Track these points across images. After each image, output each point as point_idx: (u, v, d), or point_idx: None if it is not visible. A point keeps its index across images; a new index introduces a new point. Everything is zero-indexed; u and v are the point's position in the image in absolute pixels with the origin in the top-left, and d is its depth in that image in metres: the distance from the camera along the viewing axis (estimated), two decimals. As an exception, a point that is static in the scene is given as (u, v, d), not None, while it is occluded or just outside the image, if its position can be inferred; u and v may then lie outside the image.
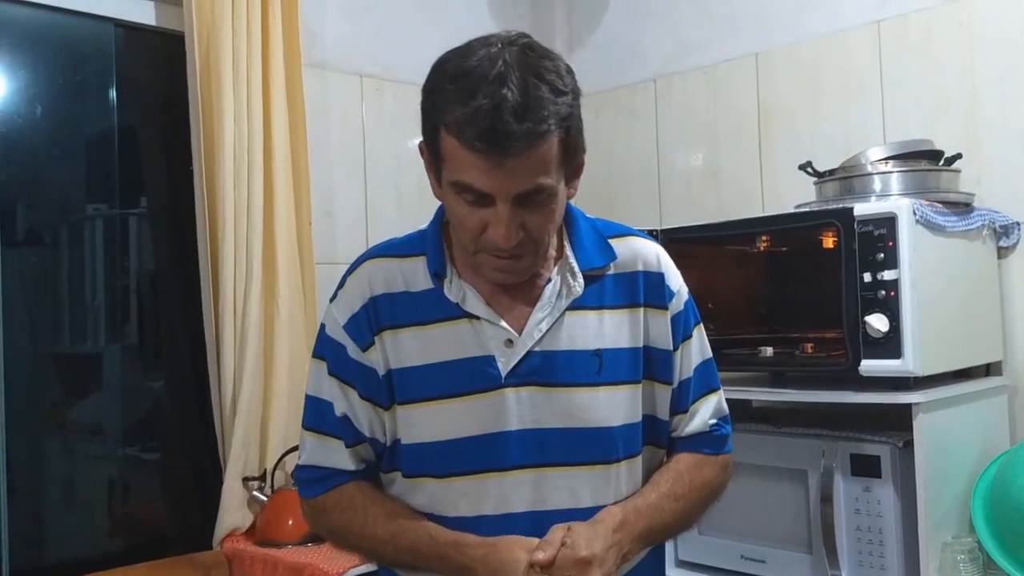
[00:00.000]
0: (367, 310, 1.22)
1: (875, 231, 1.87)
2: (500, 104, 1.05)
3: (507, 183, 1.09)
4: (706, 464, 1.30)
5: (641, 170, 2.95)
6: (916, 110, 2.33)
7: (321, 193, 2.58)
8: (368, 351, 1.21)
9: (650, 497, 1.23)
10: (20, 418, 2.26)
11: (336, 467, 1.24)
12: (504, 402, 1.18)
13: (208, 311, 2.34)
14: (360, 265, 1.27)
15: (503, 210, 1.10)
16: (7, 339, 2.21)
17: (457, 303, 1.20)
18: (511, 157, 1.06)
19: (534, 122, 1.06)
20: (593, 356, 1.21)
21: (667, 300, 1.27)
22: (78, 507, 2.44)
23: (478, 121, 1.05)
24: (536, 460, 1.18)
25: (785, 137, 2.60)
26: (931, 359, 1.85)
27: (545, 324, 1.20)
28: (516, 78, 1.06)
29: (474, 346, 1.19)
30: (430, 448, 1.19)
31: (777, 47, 2.63)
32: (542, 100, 1.07)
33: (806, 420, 2.08)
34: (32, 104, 2.33)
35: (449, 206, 1.16)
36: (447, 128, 1.09)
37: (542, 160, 1.09)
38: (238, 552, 2.26)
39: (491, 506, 1.18)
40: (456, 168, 1.11)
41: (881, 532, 1.86)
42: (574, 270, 1.23)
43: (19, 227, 2.35)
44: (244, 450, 2.32)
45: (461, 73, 1.08)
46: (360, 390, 1.22)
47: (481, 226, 1.13)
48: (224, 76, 2.30)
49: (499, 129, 1.05)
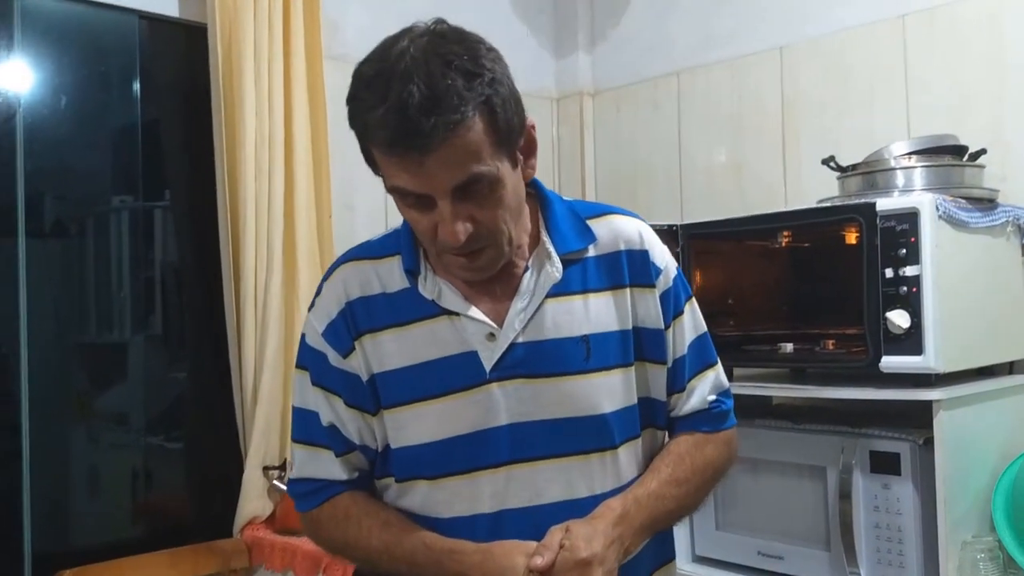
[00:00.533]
0: (344, 316, 1.19)
1: (897, 226, 1.85)
2: (407, 102, 1.00)
3: (436, 180, 1.04)
4: (708, 442, 1.26)
5: (662, 165, 2.93)
6: (941, 104, 2.31)
7: (341, 186, 2.59)
8: (349, 357, 1.18)
9: (651, 485, 1.19)
10: (47, 407, 2.29)
11: (328, 478, 1.22)
12: (491, 398, 1.15)
13: (229, 303, 2.36)
14: (335, 270, 1.24)
15: (445, 208, 1.06)
16: (33, 329, 2.25)
17: (433, 300, 1.17)
18: (429, 154, 1.02)
19: (445, 113, 1.01)
20: (580, 342, 1.17)
21: (653, 278, 1.23)
22: (102, 494, 2.48)
23: (388, 124, 1.01)
24: (528, 454, 1.16)
25: (809, 132, 2.58)
26: (952, 356, 1.83)
27: (525, 314, 1.16)
28: (423, 71, 1.01)
29: (455, 343, 1.16)
30: (420, 450, 1.17)
31: (802, 41, 2.61)
32: (452, 88, 1.01)
33: (826, 417, 2.07)
34: (57, 95, 2.35)
35: (401, 212, 1.13)
36: (367, 137, 1.06)
37: (467, 149, 1.04)
38: (258, 540, 2.28)
39: (487, 504, 1.16)
40: (388, 174, 1.07)
41: (900, 530, 1.84)
42: (551, 255, 1.19)
43: (46, 218, 2.38)
44: (264, 440, 2.34)
45: (373, 76, 1.04)
46: (345, 398, 1.19)
47: (432, 228, 1.09)
48: (246, 68, 2.32)
49: (409, 129, 1.00)
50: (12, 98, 2.25)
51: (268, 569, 2.26)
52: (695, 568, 2.17)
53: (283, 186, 2.39)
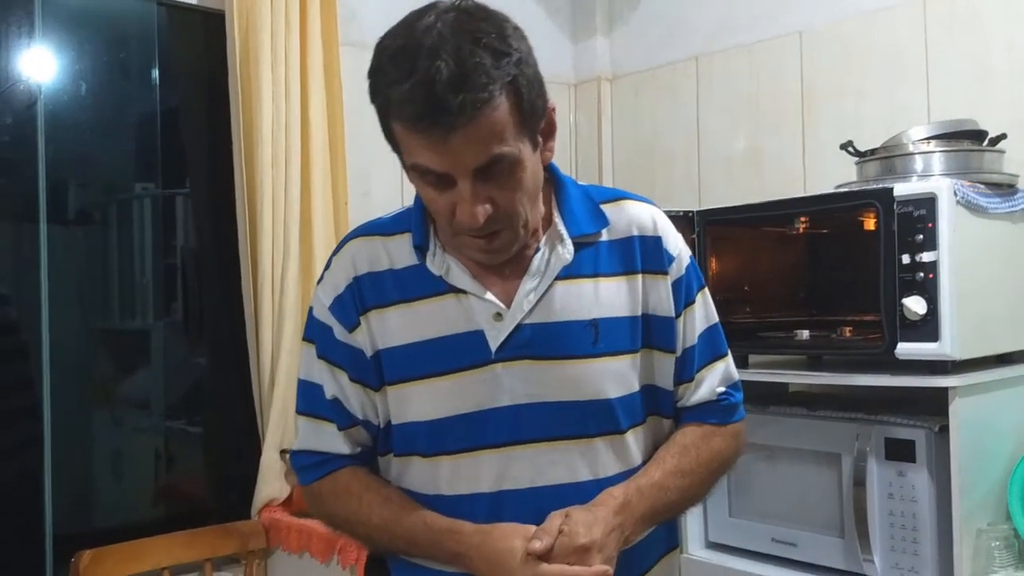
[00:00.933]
0: (352, 290, 1.19)
1: (915, 212, 1.83)
2: (434, 78, 0.99)
3: (459, 159, 1.03)
4: (715, 435, 1.25)
5: (681, 150, 2.92)
6: (961, 88, 2.28)
7: (357, 173, 2.59)
8: (355, 332, 1.18)
9: (654, 475, 1.18)
10: (68, 392, 2.33)
11: (330, 451, 1.22)
12: (495, 378, 1.14)
13: (247, 289, 2.38)
14: (344, 245, 1.24)
15: (465, 187, 1.05)
16: (56, 315, 2.28)
17: (441, 276, 1.16)
18: (454, 132, 1.01)
19: (473, 91, 1.00)
20: (589, 326, 1.16)
21: (666, 265, 1.22)
22: (122, 477, 2.52)
23: (414, 99, 1.00)
24: (531, 435, 1.15)
25: (829, 117, 2.55)
26: (969, 343, 1.81)
27: (534, 295, 1.16)
28: (451, 47, 1.00)
29: (462, 321, 1.16)
30: (421, 427, 1.17)
31: (821, 25, 2.58)
32: (480, 66, 1.00)
33: (841, 404, 2.05)
34: (77, 83, 2.38)
35: (418, 190, 1.12)
36: (390, 111, 1.05)
37: (492, 129, 1.03)
38: (275, 522, 2.31)
39: (487, 484, 1.15)
40: (409, 151, 1.06)
41: (915, 517, 1.83)
42: (562, 237, 1.18)
43: (68, 206, 2.40)
44: (282, 423, 2.37)
45: (398, 50, 1.03)
46: (350, 372, 1.20)
47: (450, 208, 1.08)
48: (263, 55, 2.33)
49: (435, 105, 0.99)
50: (34, 86, 2.28)
51: (285, 551, 2.29)
52: (708, 554, 2.17)
53: (300, 173, 2.40)
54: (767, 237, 2.36)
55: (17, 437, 2.30)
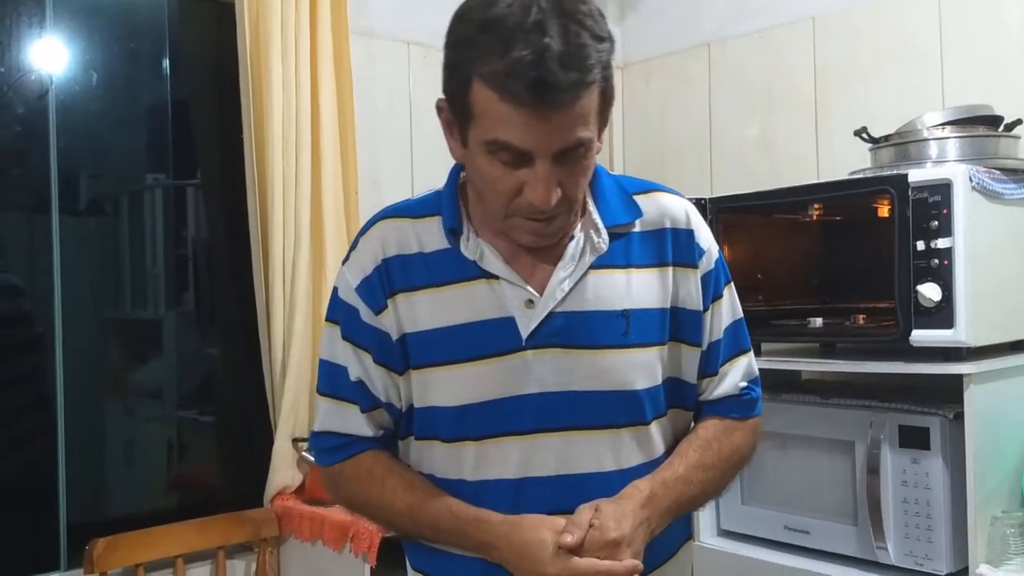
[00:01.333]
0: (380, 272, 1.17)
1: (930, 198, 1.81)
2: (544, 53, 0.98)
3: (550, 139, 1.03)
4: (735, 429, 1.25)
5: (693, 138, 2.90)
6: (976, 75, 2.26)
7: (368, 162, 2.59)
8: (381, 315, 1.17)
9: (678, 469, 1.18)
10: (81, 382, 2.34)
11: (353, 433, 1.20)
12: (525, 365, 1.13)
13: (259, 278, 2.38)
14: (372, 226, 1.21)
15: (543, 168, 1.04)
16: (68, 306, 2.28)
17: (474, 261, 1.15)
18: (557, 110, 1.00)
19: (580, 71, 1.00)
20: (620, 317, 1.15)
21: (697, 258, 1.21)
22: (135, 467, 2.53)
23: (523, 73, 0.98)
24: (559, 424, 1.14)
25: (842, 103, 2.54)
26: (984, 330, 1.80)
27: (568, 283, 1.14)
28: (557, 25, 0.99)
29: (493, 307, 1.14)
30: (445, 412, 1.15)
31: (835, 10, 2.56)
32: (585, 47, 1.00)
33: (855, 392, 2.05)
34: (88, 73, 2.38)
35: (478, 168, 1.09)
36: (485, 82, 1.01)
37: (584, 112, 1.03)
38: (287, 510, 2.32)
39: (512, 470, 1.14)
40: (492, 125, 1.03)
41: (929, 505, 1.82)
42: (598, 226, 1.17)
43: (81, 196, 2.41)
44: (294, 412, 2.37)
45: (491, 21, 1.01)
46: (374, 354, 1.18)
47: (516, 188, 1.06)
48: (273, 44, 2.32)
49: (547, 80, 0.98)
50: (45, 76, 2.28)
51: (297, 538, 2.29)
52: (720, 542, 2.17)
53: (310, 162, 2.40)
54: (780, 224, 2.34)
55: (31, 427, 2.31)
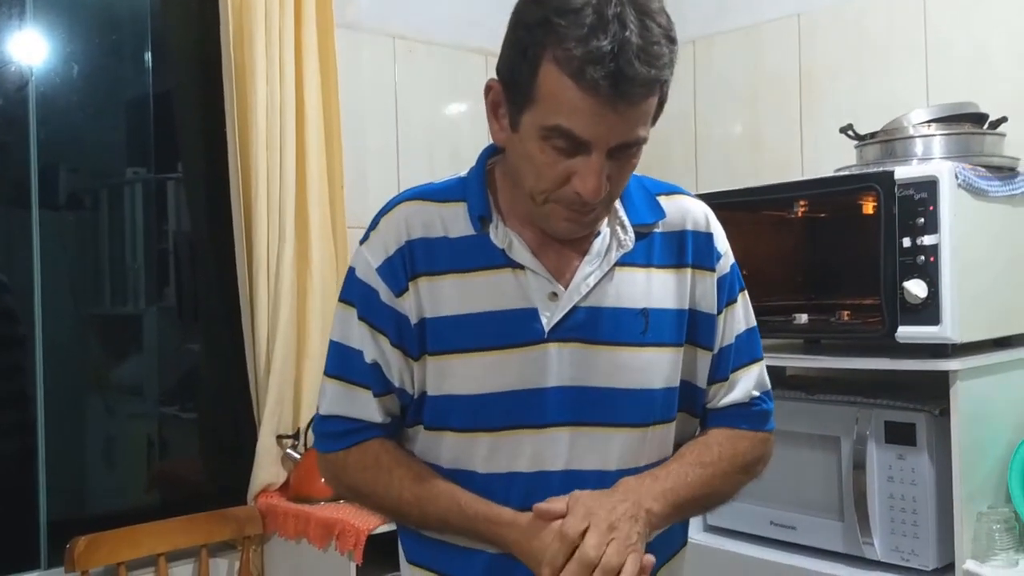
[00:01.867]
0: (403, 254, 1.15)
1: (916, 195, 1.82)
2: (624, 46, 0.98)
3: (612, 132, 1.03)
4: (742, 437, 1.23)
5: (679, 133, 2.90)
6: (962, 72, 2.27)
7: (353, 156, 2.57)
8: (402, 297, 1.15)
9: (671, 465, 1.17)
10: (61, 378, 2.31)
11: (361, 418, 1.18)
12: (546, 357, 1.13)
13: (242, 274, 2.36)
14: (396, 206, 1.19)
15: (597, 161, 1.04)
16: (48, 301, 2.25)
17: (503, 249, 1.14)
18: (628, 103, 1.01)
19: (657, 68, 1.01)
20: (639, 315, 1.15)
21: (714, 262, 1.22)
22: (117, 463, 2.50)
23: (603, 62, 0.98)
24: (573, 418, 1.14)
25: (827, 100, 2.54)
26: (970, 326, 1.81)
27: (593, 279, 1.15)
28: (634, 20, 1.00)
29: (517, 297, 1.13)
30: (460, 401, 1.14)
31: (820, 7, 2.56)
32: (660, 46, 1.01)
33: (840, 387, 2.06)
34: (69, 65, 2.35)
35: (526, 151, 1.08)
36: (560, 65, 1.00)
37: (647, 110, 1.05)
38: (271, 508, 2.30)
39: (525, 463, 1.14)
40: (556, 110, 1.02)
41: (915, 500, 1.83)
42: (624, 224, 1.18)
43: (60, 190, 2.38)
44: (278, 408, 2.35)
45: (570, 8, 1.00)
46: (391, 337, 1.16)
47: (564, 177, 1.06)
48: (256, 37, 2.30)
49: (626, 73, 0.98)
50: (25, 68, 2.25)
51: (282, 536, 2.28)
52: (707, 537, 2.17)
53: (295, 156, 2.38)
54: (766, 221, 2.35)
55: (10, 423, 2.28)
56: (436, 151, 2.81)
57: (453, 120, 2.89)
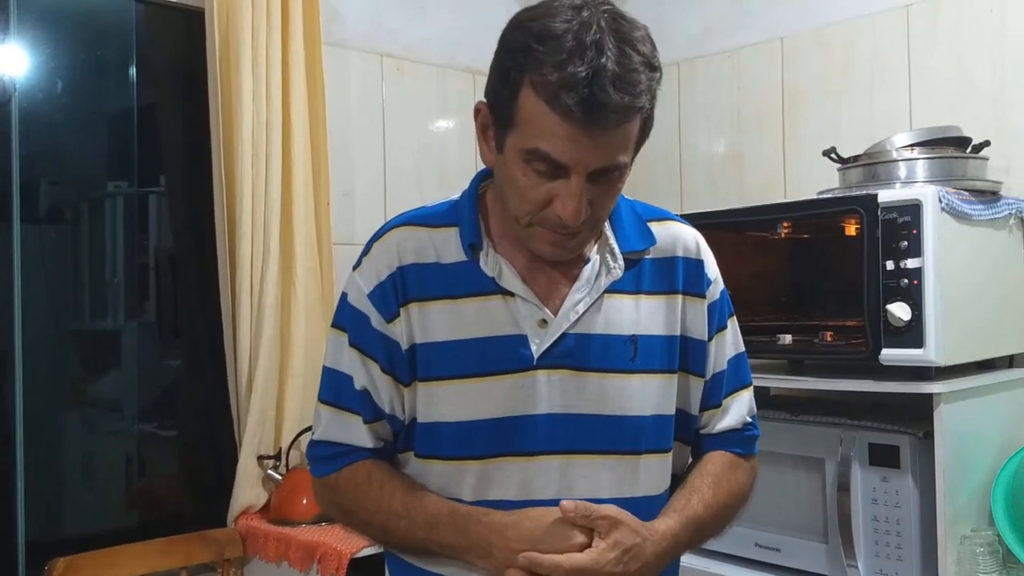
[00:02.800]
0: (394, 279, 1.16)
1: (899, 218, 1.84)
2: (600, 73, 0.99)
3: (589, 156, 1.03)
4: (738, 467, 1.25)
5: (663, 155, 2.92)
6: (944, 96, 2.29)
7: (340, 173, 2.56)
8: (393, 322, 1.15)
9: (698, 508, 1.17)
10: (41, 393, 2.27)
11: (353, 444, 1.18)
12: (535, 384, 1.13)
13: (225, 290, 2.34)
14: (388, 231, 1.20)
15: (576, 184, 1.05)
16: (27, 315, 2.23)
17: (493, 277, 1.14)
18: (603, 129, 1.01)
19: (632, 96, 1.01)
20: (628, 342, 1.16)
21: (705, 288, 1.22)
22: (95, 483, 2.47)
23: (577, 88, 0.99)
24: (563, 447, 1.13)
25: (810, 123, 2.57)
26: (953, 349, 1.82)
27: (582, 306, 1.15)
28: (612, 47, 1.01)
29: (507, 324, 1.14)
30: (449, 428, 1.14)
31: (803, 31, 2.59)
32: (638, 73, 1.02)
33: (824, 409, 2.06)
34: (53, 79, 2.33)
35: (510, 175, 1.09)
36: (536, 90, 1.02)
37: (625, 137, 1.05)
38: (252, 530, 2.27)
39: (513, 492, 1.13)
40: (534, 134, 1.04)
41: (899, 523, 1.84)
42: (614, 252, 1.18)
43: (41, 204, 2.35)
44: (259, 428, 2.33)
45: (550, 34, 1.02)
46: (382, 363, 1.16)
47: (546, 199, 1.07)
48: (243, 53, 2.29)
49: (599, 99, 0.99)
50: (8, 82, 2.23)
51: (262, 559, 2.24)
52: (691, 559, 2.15)
53: (280, 173, 2.37)
54: (750, 242, 2.36)
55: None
56: (423, 168, 2.81)
57: (440, 137, 2.89)
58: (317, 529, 2.16)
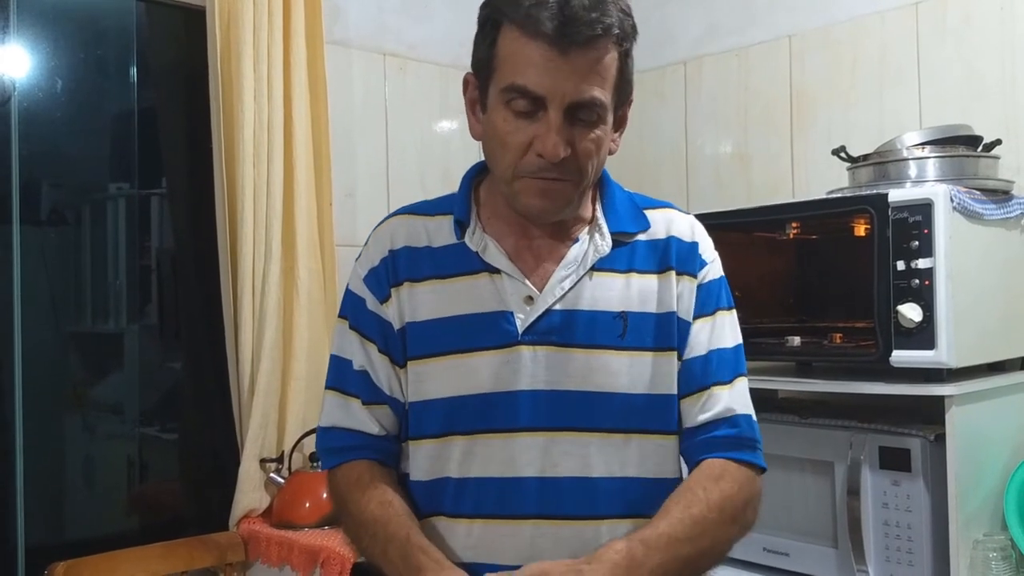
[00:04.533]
0: (386, 263, 1.20)
1: (910, 218, 1.81)
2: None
3: (563, 83, 1.06)
4: (723, 477, 1.15)
5: (669, 155, 2.89)
6: (954, 94, 2.26)
7: (342, 174, 2.55)
8: (385, 304, 1.20)
9: (659, 526, 1.08)
10: (41, 396, 2.26)
11: (356, 428, 1.20)
12: (519, 359, 1.14)
13: (227, 292, 2.32)
14: (385, 222, 1.26)
15: (554, 117, 1.07)
16: (28, 318, 2.21)
17: (477, 252, 1.17)
18: (576, 46, 1.05)
19: (601, 14, 1.06)
20: (617, 319, 1.16)
21: (698, 268, 1.22)
22: (96, 486, 2.45)
23: (547, 5, 1.05)
24: (546, 423, 1.13)
25: (818, 122, 2.54)
26: (965, 351, 1.79)
27: (568, 282, 1.16)
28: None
29: (492, 301, 1.16)
30: (437, 404, 1.16)
31: (811, 29, 2.56)
32: (607, 4, 1.07)
33: (834, 412, 2.03)
34: (53, 79, 2.31)
35: (493, 127, 1.12)
36: (511, 21, 1.08)
37: (600, 66, 1.08)
38: (254, 534, 2.25)
39: (497, 468, 1.13)
40: (512, 69, 1.08)
41: (910, 527, 1.81)
42: (603, 231, 1.19)
43: (41, 205, 2.34)
44: (262, 432, 2.31)
45: None
46: (379, 343, 1.20)
47: (526, 143, 1.09)
48: (245, 53, 2.27)
49: (567, 15, 1.04)
50: (8, 82, 2.21)
51: (264, 563, 2.22)
52: (699, 565, 2.13)
53: (282, 173, 2.35)
54: (758, 242, 2.33)
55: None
56: (426, 168, 2.79)
57: (443, 137, 2.87)
58: (320, 533, 2.14)
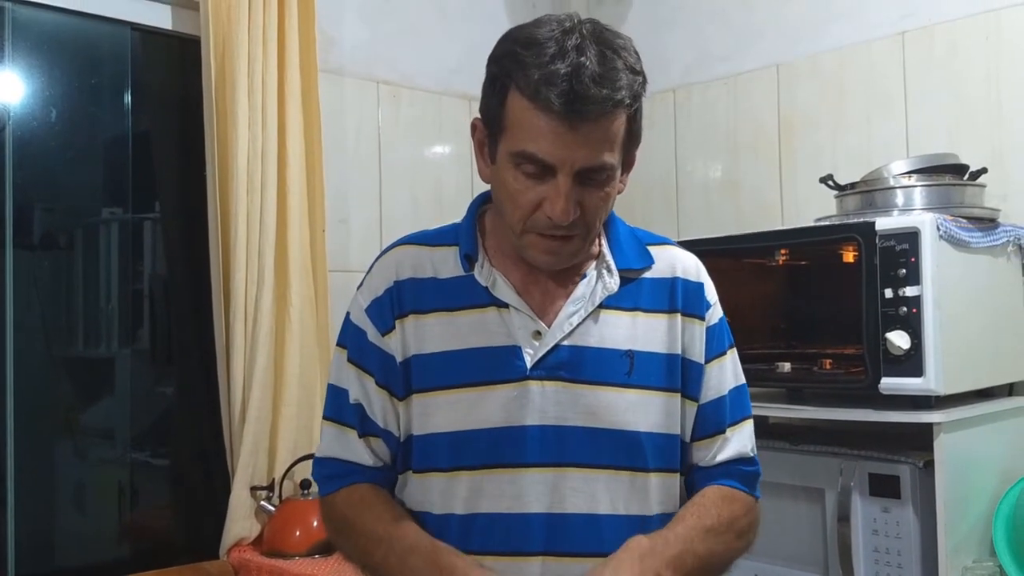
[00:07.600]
0: (391, 294, 1.20)
1: (897, 246, 1.83)
2: (579, 69, 1.04)
3: (574, 154, 1.07)
4: (735, 499, 1.21)
5: (659, 181, 2.91)
6: (940, 123, 2.29)
7: (335, 200, 2.56)
8: (388, 336, 1.19)
9: (677, 528, 1.14)
10: (31, 421, 2.25)
11: (352, 460, 1.20)
12: (527, 394, 1.14)
13: (219, 318, 2.32)
14: (389, 251, 1.25)
15: (564, 183, 1.08)
16: (20, 342, 2.21)
17: (487, 287, 1.17)
18: (585, 122, 1.05)
19: (611, 89, 1.05)
20: (624, 356, 1.16)
21: (704, 311, 1.23)
22: (87, 513, 2.43)
23: (556, 82, 1.04)
24: (555, 459, 1.13)
25: (806, 150, 2.57)
26: (953, 378, 1.81)
27: (576, 318, 1.16)
28: (593, 50, 1.06)
29: (500, 335, 1.16)
30: (443, 439, 1.15)
31: (799, 58, 2.60)
32: (618, 72, 1.07)
33: (824, 438, 2.04)
34: (47, 107, 2.32)
35: (503, 182, 1.12)
36: (521, 90, 1.07)
37: (609, 134, 1.08)
38: (244, 562, 2.24)
39: (506, 504, 1.13)
40: (522, 136, 1.08)
41: (900, 554, 1.81)
42: (611, 267, 1.20)
43: (34, 231, 2.34)
44: (253, 459, 2.30)
45: (535, 41, 1.07)
46: (377, 377, 1.19)
47: (536, 202, 1.10)
48: (239, 81, 2.29)
49: (578, 92, 1.04)
50: (2, 109, 2.22)
51: (255, 591, 2.22)
52: (691, 592, 2.13)
53: (276, 200, 2.35)
54: (747, 269, 2.35)
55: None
56: (419, 194, 2.80)
57: (436, 163, 2.89)
58: (311, 562, 2.13)
